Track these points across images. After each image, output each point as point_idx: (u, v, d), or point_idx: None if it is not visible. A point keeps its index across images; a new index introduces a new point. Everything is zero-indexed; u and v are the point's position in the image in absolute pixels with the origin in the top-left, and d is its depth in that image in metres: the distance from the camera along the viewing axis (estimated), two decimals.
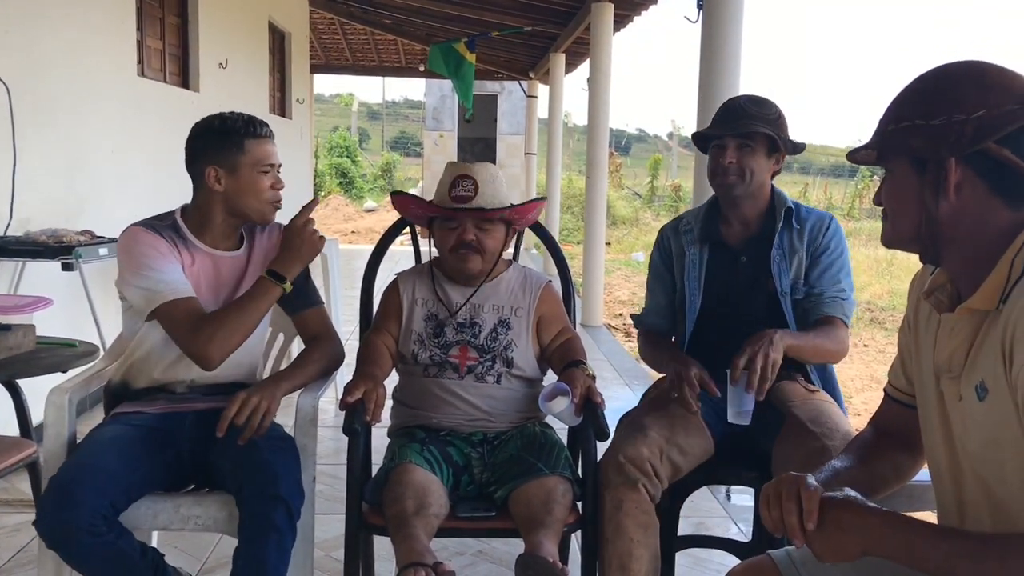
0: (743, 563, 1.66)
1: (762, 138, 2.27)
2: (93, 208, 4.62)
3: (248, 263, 2.28)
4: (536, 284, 2.41)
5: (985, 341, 1.29)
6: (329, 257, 5.16)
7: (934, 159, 1.29)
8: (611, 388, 5.47)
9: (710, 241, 2.42)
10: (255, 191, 2.20)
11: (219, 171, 2.17)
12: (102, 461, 1.98)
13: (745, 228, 2.39)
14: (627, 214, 18.75)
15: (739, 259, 2.38)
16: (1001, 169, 1.26)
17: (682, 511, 2.36)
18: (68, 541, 1.87)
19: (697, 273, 2.41)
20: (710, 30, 3.73)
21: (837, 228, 2.38)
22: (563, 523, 2.03)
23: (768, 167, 2.32)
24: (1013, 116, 1.24)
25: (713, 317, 2.39)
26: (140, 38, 5.59)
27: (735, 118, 2.30)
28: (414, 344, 2.33)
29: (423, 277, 2.42)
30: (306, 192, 12.14)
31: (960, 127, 1.26)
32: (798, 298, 2.34)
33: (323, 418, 2.20)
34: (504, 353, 2.31)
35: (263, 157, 2.21)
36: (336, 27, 13.30)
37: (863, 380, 6.57)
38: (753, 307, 2.35)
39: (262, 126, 2.23)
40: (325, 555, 2.92)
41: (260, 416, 2.07)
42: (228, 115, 2.22)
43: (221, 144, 2.18)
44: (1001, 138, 1.25)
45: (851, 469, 1.53)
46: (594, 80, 7.92)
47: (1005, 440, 1.26)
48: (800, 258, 2.33)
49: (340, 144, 24.70)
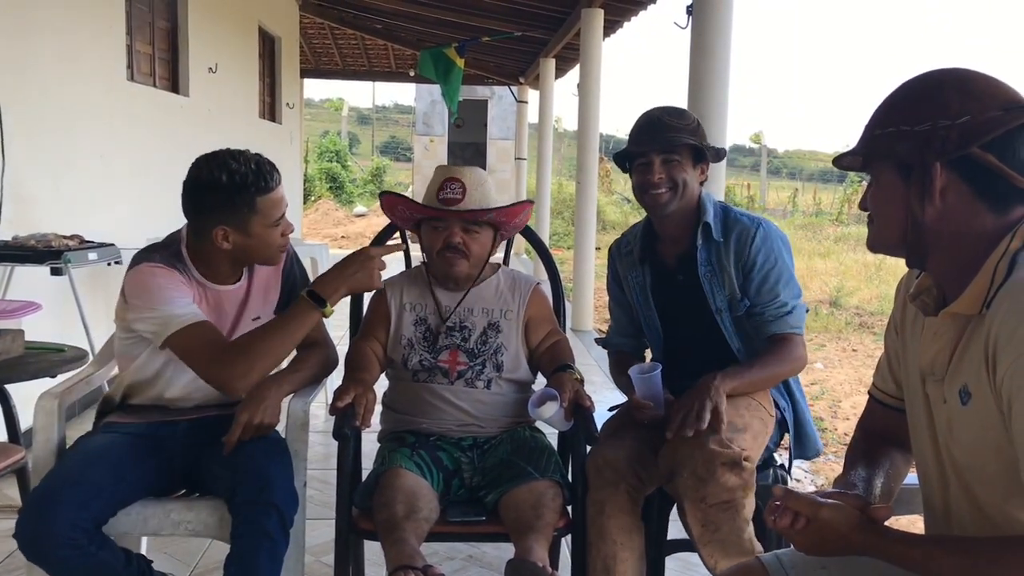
0: (732, 567, 1.67)
1: (686, 149, 2.22)
2: (82, 212, 4.61)
3: (249, 292, 2.23)
4: (525, 286, 2.42)
5: (968, 346, 1.30)
6: (319, 262, 5.16)
7: (919, 164, 1.30)
8: (601, 392, 5.47)
9: (648, 262, 2.38)
10: (266, 246, 2.10)
11: (228, 231, 2.04)
12: (88, 473, 1.96)
13: (676, 246, 2.34)
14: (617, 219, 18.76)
15: (676, 278, 2.34)
16: (985, 174, 1.28)
17: (672, 515, 2.37)
18: (47, 554, 1.84)
19: (645, 295, 2.39)
20: (700, 36, 3.74)
21: (765, 236, 2.25)
22: (553, 527, 2.04)
23: (696, 177, 2.26)
24: (997, 122, 1.26)
25: (670, 334, 2.39)
26: (129, 43, 5.58)
27: (656, 132, 2.23)
28: (404, 349, 2.32)
29: (411, 282, 2.42)
30: (296, 197, 12.13)
31: (945, 132, 1.28)
32: (739, 315, 2.28)
33: (313, 423, 2.21)
34: (494, 357, 2.31)
35: (276, 212, 2.07)
36: (326, 32, 13.29)
37: (852, 384, 6.59)
38: (697, 326, 2.32)
39: (272, 174, 2.05)
40: (315, 560, 2.91)
41: (266, 415, 2.09)
42: (235, 167, 2.00)
43: (230, 203, 2.01)
44: (985, 143, 1.26)
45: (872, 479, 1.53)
46: (584, 85, 7.94)
47: (987, 444, 1.27)
48: (730, 274, 2.26)
49: (330, 149, 24.67)
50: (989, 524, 1.32)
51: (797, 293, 2.28)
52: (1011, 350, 1.19)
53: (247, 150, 2.07)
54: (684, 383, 2.25)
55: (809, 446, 2.39)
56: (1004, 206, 1.29)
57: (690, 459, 2.00)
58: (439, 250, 2.30)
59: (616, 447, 2.15)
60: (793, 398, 2.38)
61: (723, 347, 2.30)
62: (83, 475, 1.95)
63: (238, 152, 2.05)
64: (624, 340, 2.49)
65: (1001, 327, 1.22)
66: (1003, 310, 1.23)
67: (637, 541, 2.09)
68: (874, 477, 1.52)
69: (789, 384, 2.39)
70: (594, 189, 8.12)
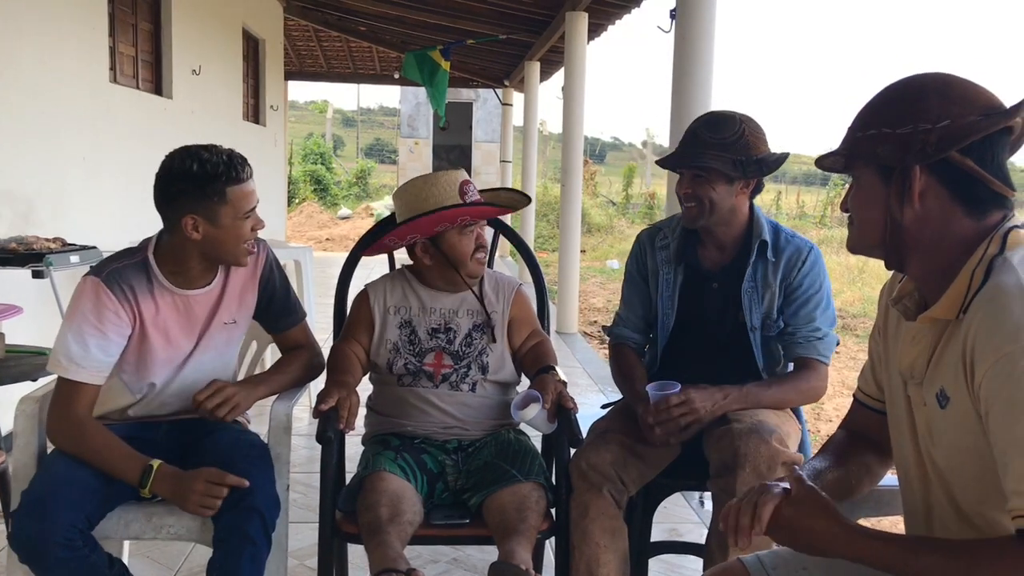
0: (713, 568, 1.67)
1: (714, 169, 2.19)
2: (65, 215, 4.58)
3: (223, 294, 2.20)
4: (509, 288, 2.42)
5: (946, 350, 1.32)
6: (303, 264, 5.14)
7: (899, 166, 1.32)
8: (585, 395, 5.48)
9: (685, 263, 2.36)
10: (235, 238, 2.07)
11: (197, 220, 2.02)
12: (79, 474, 1.96)
13: (720, 253, 2.33)
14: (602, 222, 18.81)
15: (711, 285, 2.33)
16: (963, 178, 1.29)
17: (655, 517, 2.38)
18: (43, 555, 1.84)
19: (670, 293, 2.37)
20: (683, 40, 3.75)
21: (815, 262, 2.28)
22: (537, 530, 2.04)
23: (732, 192, 2.22)
24: (976, 127, 1.27)
25: (685, 336, 2.37)
26: (112, 44, 5.55)
27: (686, 146, 2.24)
28: (390, 353, 2.32)
29: (395, 284, 2.41)
30: (280, 200, 12.08)
31: (926, 136, 1.29)
32: (769, 335, 2.29)
33: (297, 426, 2.20)
34: (479, 358, 2.32)
35: (246, 204, 2.06)
36: (311, 34, 13.25)
37: (835, 386, 6.62)
38: (721, 334, 2.32)
39: (243, 167, 2.04)
40: (299, 564, 2.91)
41: (228, 408, 2.10)
42: (206, 157, 2.00)
43: (201, 193, 2.00)
44: (964, 148, 1.28)
45: (830, 470, 1.55)
46: (569, 88, 7.96)
47: (966, 447, 1.29)
48: (773, 293, 2.27)
49: (314, 151, 24.62)
50: (969, 526, 1.33)
51: (832, 322, 2.29)
52: (988, 355, 1.21)
53: (220, 145, 2.07)
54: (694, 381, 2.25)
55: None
56: (982, 210, 1.31)
57: (755, 455, 2.00)
58: (472, 253, 2.30)
59: (600, 450, 2.15)
60: (800, 419, 2.37)
61: (740, 360, 2.30)
62: (74, 475, 1.95)
63: (211, 145, 2.06)
64: (633, 335, 2.44)
65: (978, 332, 1.23)
66: (980, 315, 1.24)
67: (620, 543, 2.09)
68: (828, 470, 1.54)
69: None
70: (579, 192, 8.14)
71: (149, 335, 2.11)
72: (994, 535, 1.28)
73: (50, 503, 1.87)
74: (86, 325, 2.02)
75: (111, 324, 2.04)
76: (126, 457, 2.01)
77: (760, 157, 2.22)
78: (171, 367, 2.16)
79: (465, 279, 2.32)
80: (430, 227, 2.26)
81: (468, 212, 2.26)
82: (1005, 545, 1.19)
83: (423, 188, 2.28)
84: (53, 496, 1.89)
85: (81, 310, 2.03)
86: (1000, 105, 1.30)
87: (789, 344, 2.28)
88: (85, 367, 2.03)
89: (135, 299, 2.07)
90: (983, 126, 1.27)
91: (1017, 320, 1.19)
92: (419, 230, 2.27)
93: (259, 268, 2.24)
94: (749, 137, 2.21)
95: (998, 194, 1.30)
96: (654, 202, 20.95)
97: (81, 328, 2.02)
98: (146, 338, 2.10)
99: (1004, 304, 1.21)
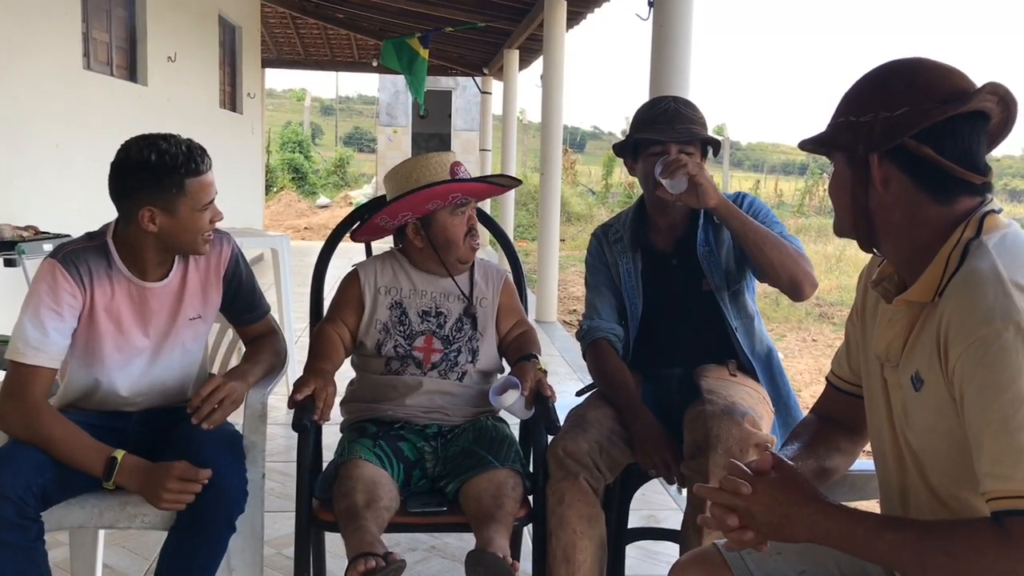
0: (689, 552, 1.68)
1: (698, 141, 2.26)
2: (37, 203, 4.53)
3: (183, 289, 2.15)
4: (497, 275, 2.44)
5: (921, 333, 1.33)
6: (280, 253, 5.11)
7: (857, 155, 1.33)
8: (564, 383, 5.49)
9: (641, 248, 2.39)
10: (193, 231, 2.03)
11: (155, 212, 1.97)
12: (38, 455, 1.91)
13: (673, 231, 2.37)
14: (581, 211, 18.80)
15: (670, 263, 2.36)
16: (922, 165, 1.30)
17: (632, 504, 2.39)
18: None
19: (634, 282, 2.39)
20: (661, 28, 3.75)
21: (752, 202, 2.32)
22: (514, 516, 2.04)
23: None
24: (928, 114, 1.28)
25: (656, 319, 2.38)
26: (86, 30, 5.49)
27: (674, 122, 2.25)
28: (379, 333, 2.30)
29: (385, 265, 2.38)
30: (258, 188, 12.00)
31: (877, 124, 1.30)
32: (736, 289, 2.32)
33: (274, 415, 2.19)
34: (470, 343, 2.31)
35: (204, 195, 2.01)
36: (288, 21, 13.15)
37: (811, 374, 6.68)
38: (692, 309, 2.34)
39: (202, 158, 2.00)
40: (276, 552, 2.90)
41: (230, 401, 2.06)
42: (164, 146, 1.95)
43: (158, 184, 1.95)
44: (920, 135, 1.28)
45: (805, 457, 1.56)
46: (548, 77, 7.94)
47: (940, 429, 1.30)
48: (727, 246, 2.31)
49: (292, 139, 24.42)
50: (944, 509, 1.35)
51: (792, 237, 2.25)
52: (962, 338, 1.21)
53: (178, 135, 2.02)
54: (664, 370, 2.27)
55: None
56: (947, 196, 1.31)
57: (727, 437, 2.01)
58: (465, 235, 2.30)
59: (577, 437, 2.15)
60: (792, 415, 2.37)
61: (714, 329, 2.32)
62: (34, 454, 1.91)
63: (169, 135, 2.01)
64: (612, 326, 2.41)
65: (953, 315, 1.24)
66: (955, 298, 1.25)
67: (597, 530, 2.10)
68: (801, 458, 1.55)
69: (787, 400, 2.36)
70: (558, 181, 8.14)
71: (98, 320, 2.05)
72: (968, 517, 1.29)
73: (8, 462, 1.85)
74: (43, 308, 1.97)
75: (67, 306, 2.00)
76: (88, 447, 1.96)
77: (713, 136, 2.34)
78: (124, 359, 2.11)
79: (455, 264, 2.32)
80: (421, 204, 2.25)
81: (459, 188, 2.26)
82: (979, 526, 1.20)
83: (414, 168, 2.29)
84: (12, 457, 1.87)
85: (38, 292, 1.99)
86: (967, 90, 1.29)
87: None
88: (43, 351, 1.97)
89: (90, 280, 2.03)
90: (937, 112, 1.27)
91: (991, 304, 1.20)
92: (410, 207, 2.26)
93: (223, 263, 2.19)
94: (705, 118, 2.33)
95: (964, 180, 1.30)
96: (633, 191, 20.99)
97: (38, 310, 1.97)
98: (95, 323, 2.05)
99: (978, 287, 1.22)
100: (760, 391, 2.28)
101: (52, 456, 1.93)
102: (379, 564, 1.82)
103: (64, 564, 2.59)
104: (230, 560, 2.08)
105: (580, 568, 2.06)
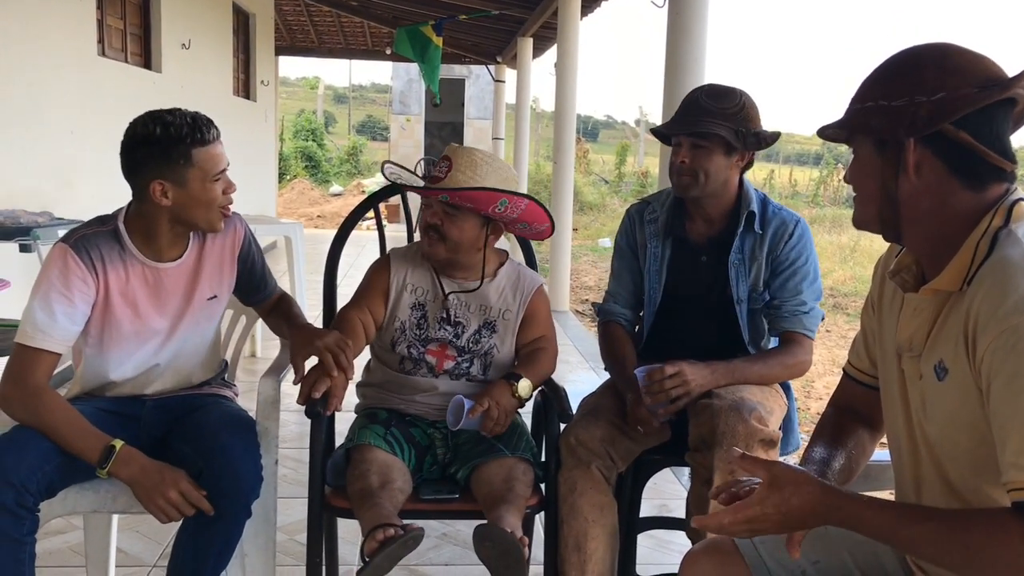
0: (702, 542, 1.68)
1: (717, 137, 2.17)
2: (52, 190, 4.55)
3: (200, 266, 2.14)
4: (529, 287, 2.32)
5: (947, 322, 1.31)
6: (293, 241, 5.12)
7: (893, 139, 1.31)
8: (576, 372, 5.50)
9: (673, 236, 2.35)
10: (206, 202, 2.01)
11: (165, 185, 1.97)
12: (43, 443, 1.89)
13: (709, 226, 2.32)
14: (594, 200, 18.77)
15: (700, 258, 2.33)
16: (959, 151, 1.28)
17: (644, 493, 2.39)
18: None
19: (658, 267, 2.36)
20: (676, 16, 3.73)
21: (802, 235, 2.27)
22: (525, 500, 2.03)
23: (728, 165, 2.22)
24: (970, 99, 1.26)
25: (672, 310, 2.36)
26: (101, 17, 5.50)
27: (688, 114, 2.22)
28: (395, 332, 2.26)
29: (419, 260, 2.30)
30: (271, 176, 12.02)
31: (919, 108, 1.28)
32: (755, 307, 2.29)
33: (287, 401, 2.18)
34: (485, 357, 2.27)
35: (213, 165, 2.00)
36: (301, 8, 13.13)
37: (825, 364, 6.65)
38: (708, 308, 2.32)
39: (209, 128, 1.99)
40: (289, 538, 2.91)
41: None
42: (169, 119, 1.96)
43: (166, 156, 1.95)
44: (959, 121, 1.27)
45: (834, 457, 1.53)
46: (561, 65, 7.91)
47: (961, 420, 1.29)
48: (760, 265, 2.26)
49: (306, 127, 24.46)
50: (959, 500, 1.34)
51: (818, 296, 2.29)
52: (992, 328, 1.20)
53: (184, 108, 2.02)
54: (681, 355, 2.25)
55: (791, 441, 2.36)
56: (980, 183, 1.30)
57: (732, 433, 2.00)
58: (423, 229, 2.22)
59: (590, 426, 2.15)
60: (788, 394, 2.37)
61: (726, 334, 2.30)
62: (39, 441, 1.89)
63: (174, 108, 2.01)
64: (624, 311, 2.42)
65: (982, 304, 1.23)
66: (984, 287, 1.24)
67: (609, 518, 2.10)
68: (833, 458, 1.53)
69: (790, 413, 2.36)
70: (571, 170, 8.12)
71: (114, 305, 2.04)
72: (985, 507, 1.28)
73: (16, 448, 1.85)
74: (53, 292, 1.96)
75: (78, 291, 1.98)
76: (86, 433, 1.93)
77: (758, 131, 2.22)
78: (140, 342, 2.10)
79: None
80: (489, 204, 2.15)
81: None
82: (1000, 516, 1.19)
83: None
84: (20, 442, 1.86)
85: (48, 277, 1.98)
86: (1000, 76, 1.28)
87: (775, 317, 2.27)
88: (50, 335, 1.96)
89: (103, 267, 2.01)
90: (979, 98, 1.26)
91: (1022, 293, 1.18)
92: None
93: (238, 244, 2.19)
94: (749, 110, 2.22)
95: (997, 167, 1.29)
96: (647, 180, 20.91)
97: (48, 295, 1.96)
98: (111, 308, 2.04)
99: (1010, 276, 1.21)
100: (772, 385, 2.26)
101: (52, 441, 1.91)
102: (397, 532, 1.82)
103: (78, 548, 2.61)
104: (243, 546, 2.09)
105: (592, 557, 2.07)
